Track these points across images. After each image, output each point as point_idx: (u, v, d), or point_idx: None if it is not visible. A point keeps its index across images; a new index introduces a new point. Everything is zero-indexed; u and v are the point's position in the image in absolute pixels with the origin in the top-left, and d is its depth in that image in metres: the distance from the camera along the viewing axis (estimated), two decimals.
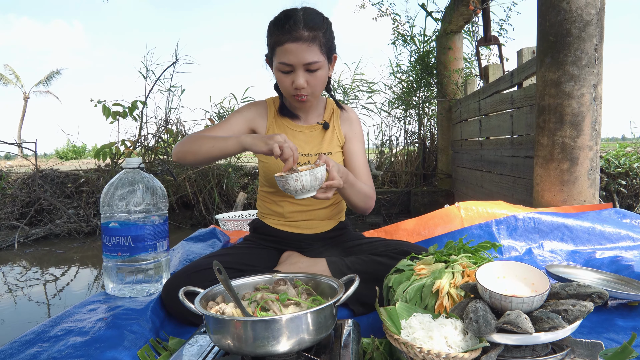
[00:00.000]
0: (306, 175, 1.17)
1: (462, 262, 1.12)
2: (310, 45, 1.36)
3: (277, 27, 1.38)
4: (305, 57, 1.36)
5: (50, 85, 33.92)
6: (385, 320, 0.92)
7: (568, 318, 0.86)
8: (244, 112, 1.58)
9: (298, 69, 1.38)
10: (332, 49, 1.46)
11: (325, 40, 1.40)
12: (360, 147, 1.63)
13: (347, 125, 1.63)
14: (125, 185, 1.35)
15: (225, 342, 0.87)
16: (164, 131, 5.46)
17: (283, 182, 1.19)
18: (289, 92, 1.44)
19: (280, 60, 1.38)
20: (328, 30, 1.42)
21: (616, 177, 3.78)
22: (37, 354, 0.96)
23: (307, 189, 1.19)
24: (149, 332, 1.14)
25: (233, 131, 1.52)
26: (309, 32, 1.35)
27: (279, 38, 1.36)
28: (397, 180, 5.90)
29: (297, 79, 1.39)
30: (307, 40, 1.35)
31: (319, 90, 1.46)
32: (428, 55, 5.67)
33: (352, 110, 1.68)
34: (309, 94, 1.44)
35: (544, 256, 1.77)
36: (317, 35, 1.37)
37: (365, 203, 1.50)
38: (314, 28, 1.37)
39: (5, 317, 2.31)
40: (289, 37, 1.35)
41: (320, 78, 1.43)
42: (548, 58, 2.20)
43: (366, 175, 1.58)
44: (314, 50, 1.37)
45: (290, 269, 1.46)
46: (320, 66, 1.40)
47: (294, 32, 1.34)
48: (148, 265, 1.35)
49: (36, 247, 4.08)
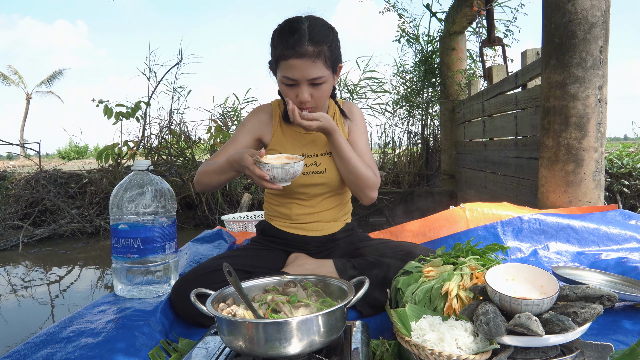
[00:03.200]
0: (277, 169, 1.24)
1: (470, 264, 1.13)
2: (315, 61, 1.33)
3: (281, 40, 1.35)
4: (310, 73, 1.34)
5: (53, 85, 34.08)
6: (396, 322, 0.93)
7: (578, 320, 0.87)
8: (247, 125, 1.58)
9: (302, 84, 1.36)
10: (338, 61, 1.44)
11: (330, 54, 1.38)
12: (364, 136, 1.62)
13: (349, 119, 1.62)
14: (134, 187, 1.36)
15: (237, 344, 0.87)
16: (167, 132, 5.48)
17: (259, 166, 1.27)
18: (293, 103, 1.42)
19: (284, 75, 1.37)
20: (334, 42, 1.40)
21: (619, 177, 3.77)
22: (50, 355, 0.97)
23: (278, 179, 1.26)
24: (158, 333, 1.15)
25: (240, 148, 1.53)
26: (313, 47, 1.33)
27: (282, 52, 1.34)
28: (400, 180, 5.90)
29: (302, 93, 1.37)
30: (311, 56, 1.33)
31: (323, 102, 1.45)
32: (432, 56, 5.67)
33: (353, 104, 1.67)
34: (313, 107, 1.42)
35: (550, 257, 1.77)
36: (322, 50, 1.34)
37: (362, 181, 1.48)
38: (319, 42, 1.34)
39: (10, 317, 2.32)
40: (293, 52, 1.32)
41: (325, 91, 1.41)
42: (553, 60, 2.20)
43: (370, 161, 1.56)
44: (318, 65, 1.35)
45: (298, 270, 1.46)
46: (325, 80, 1.38)
47: (298, 47, 1.31)
48: (157, 266, 1.36)
49: (40, 247, 4.09)
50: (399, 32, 5.70)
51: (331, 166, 1.53)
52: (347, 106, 1.64)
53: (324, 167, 1.53)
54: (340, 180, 1.54)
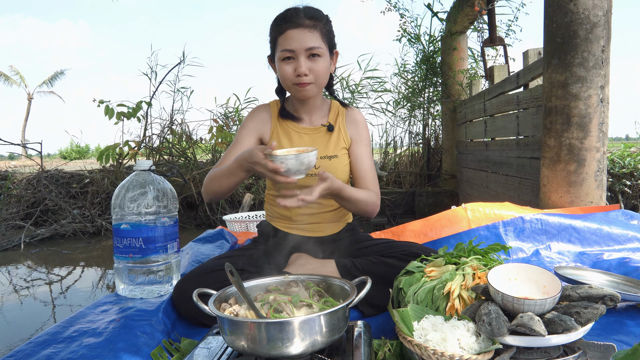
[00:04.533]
0: (291, 159, 1.19)
1: (472, 264, 1.13)
2: (312, 31, 1.40)
3: (278, 19, 1.43)
4: (307, 41, 1.39)
5: (54, 85, 34.08)
6: (398, 322, 0.93)
7: (580, 320, 0.86)
8: (248, 126, 1.58)
9: (300, 55, 1.40)
10: (333, 43, 1.50)
11: (327, 31, 1.45)
12: (367, 150, 1.62)
13: (353, 126, 1.61)
14: (137, 187, 1.36)
15: (239, 344, 0.87)
16: (168, 132, 5.48)
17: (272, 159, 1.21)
18: (292, 81, 1.44)
19: (282, 48, 1.41)
20: (328, 23, 1.47)
21: (621, 177, 3.77)
22: (52, 354, 0.97)
23: (293, 172, 1.21)
24: (160, 333, 1.15)
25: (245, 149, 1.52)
26: (310, 20, 1.40)
27: (280, 28, 1.41)
28: (401, 180, 5.90)
29: (299, 66, 1.41)
30: (308, 26, 1.40)
31: (321, 79, 1.47)
32: (433, 56, 5.66)
33: (359, 112, 1.67)
34: (312, 82, 1.44)
35: (552, 257, 1.77)
36: (318, 24, 1.41)
37: (365, 211, 1.50)
38: (315, 18, 1.41)
39: (11, 317, 2.32)
40: (290, 24, 1.39)
41: (323, 66, 1.44)
42: (555, 59, 2.20)
43: (372, 180, 1.57)
44: (315, 35, 1.41)
45: (300, 270, 1.46)
46: (322, 53, 1.43)
47: (295, 19, 1.39)
48: (159, 266, 1.36)
49: (42, 247, 4.10)
50: (400, 31, 5.69)
51: (330, 170, 1.51)
52: (352, 112, 1.64)
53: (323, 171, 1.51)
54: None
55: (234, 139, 1.57)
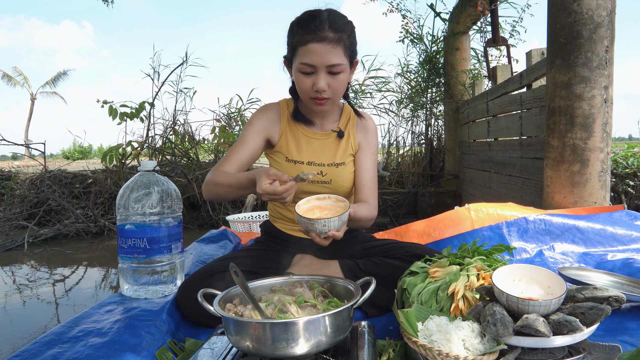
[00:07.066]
0: (335, 221, 1.14)
1: (476, 264, 1.13)
2: (335, 46, 1.32)
3: (300, 26, 1.33)
4: (330, 58, 1.32)
5: (57, 86, 34.17)
6: (402, 323, 0.93)
7: (585, 321, 0.86)
8: (255, 124, 1.52)
9: (320, 71, 1.34)
10: (355, 53, 1.43)
11: (349, 44, 1.36)
12: (372, 159, 1.58)
13: (363, 133, 1.58)
14: (141, 187, 1.36)
15: (244, 344, 0.88)
16: (171, 132, 5.49)
17: (309, 224, 1.15)
18: (308, 95, 1.39)
19: (303, 61, 1.33)
20: (352, 33, 1.39)
21: (624, 177, 3.76)
22: (58, 354, 0.97)
23: (333, 230, 1.17)
24: (165, 333, 1.15)
25: (251, 150, 1.49)
26: (334, 34, 1.31)
27: (302, 38, 1.32)
28: (404, 180, 5.90)
29: (319, 81, 1.34)
30: (332, 41, 1.31)
31: (339, 94, 1.42)
32: (436, 56, 5.66)
33: (371, 119, 1.64)
34: (329, 98, 1.39)
35: (555, 258, 1.77)
36: (342, 37, 1.33)
37: (362, 227, 1.49)
38: (340, 30, 1.32)
39: (14, 316, 2.33)
40: (314, 37, 1.30)
41: (342, 82, 1.38)
42: (558, 60, 2.20)
43: (371, 190, 1.53)
44: (338, 52, 1.33)
45: (303, 271, 1.46)
46: (343, 69, 1.36)
47: (319, 32, 1.30)
48: (163, 266, 1.36)
49: (45, 247, 4.11)
50: (403, 32, 5.69)
51: (337, 177, 1.50)
52: (364, 118, 1.60)
53: (330, 178, 1.50)
54: (345, 191, 1.53)
55: (239, 136, 1.53)
